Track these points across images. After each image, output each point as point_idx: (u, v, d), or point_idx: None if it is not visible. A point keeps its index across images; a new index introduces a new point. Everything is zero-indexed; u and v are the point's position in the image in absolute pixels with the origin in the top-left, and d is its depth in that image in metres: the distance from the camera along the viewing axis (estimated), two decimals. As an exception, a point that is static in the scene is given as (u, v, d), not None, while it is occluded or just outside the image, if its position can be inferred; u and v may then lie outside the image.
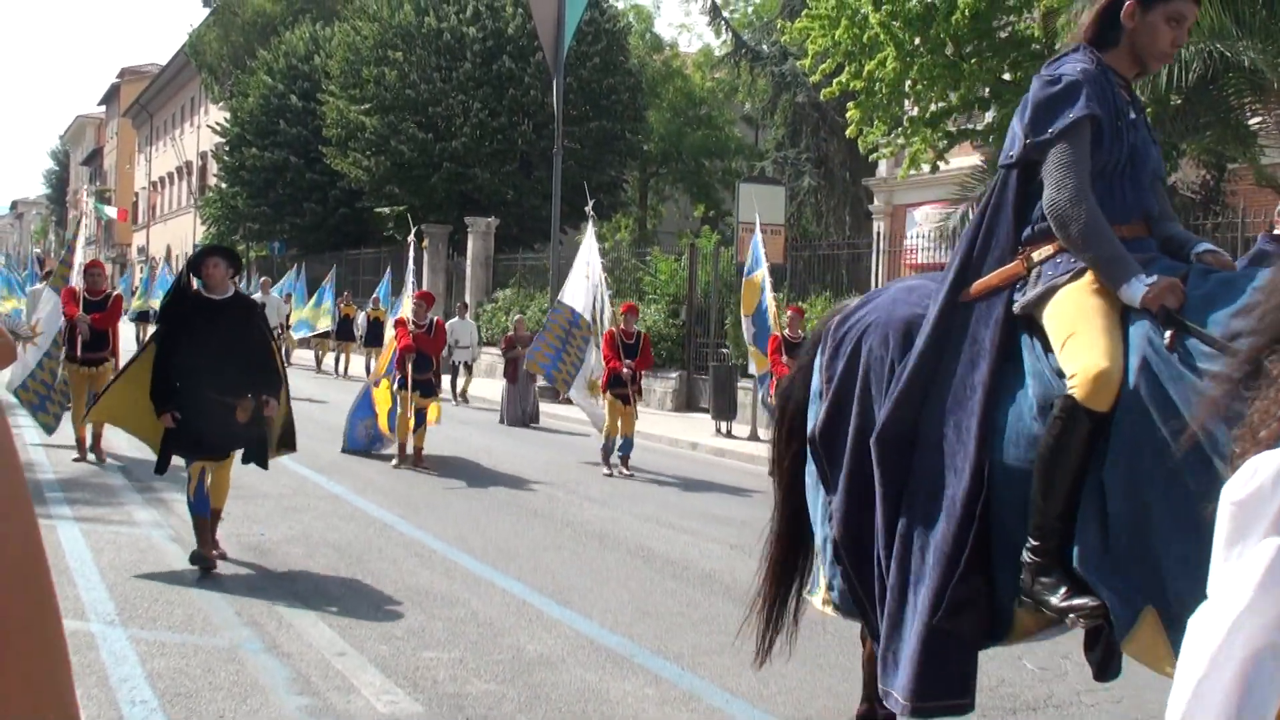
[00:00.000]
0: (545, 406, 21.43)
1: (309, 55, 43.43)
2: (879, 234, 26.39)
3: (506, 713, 5.88)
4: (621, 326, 15.26)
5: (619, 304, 16.38)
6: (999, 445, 4.11)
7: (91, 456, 13.67)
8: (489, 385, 25.54)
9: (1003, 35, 17.76)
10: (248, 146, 43.89)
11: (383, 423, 15.25)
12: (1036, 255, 4.24)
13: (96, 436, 13.65)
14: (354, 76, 37.05)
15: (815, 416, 4.84)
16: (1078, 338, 3.96)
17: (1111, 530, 3.79)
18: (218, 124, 48.34)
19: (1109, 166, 4.25)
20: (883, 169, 27.58)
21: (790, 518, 5.31)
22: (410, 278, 16.74)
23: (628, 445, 14.87)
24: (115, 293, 14.51)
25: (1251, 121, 15.33)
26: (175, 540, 9.60)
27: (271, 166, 43.08)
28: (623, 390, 14.80)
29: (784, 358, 15.20)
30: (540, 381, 19.62)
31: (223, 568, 8.72)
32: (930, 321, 4.40)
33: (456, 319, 25.05)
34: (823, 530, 4.85)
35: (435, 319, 15.29)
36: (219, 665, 6.42)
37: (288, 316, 30.17)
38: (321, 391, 24.86)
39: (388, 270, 34.34)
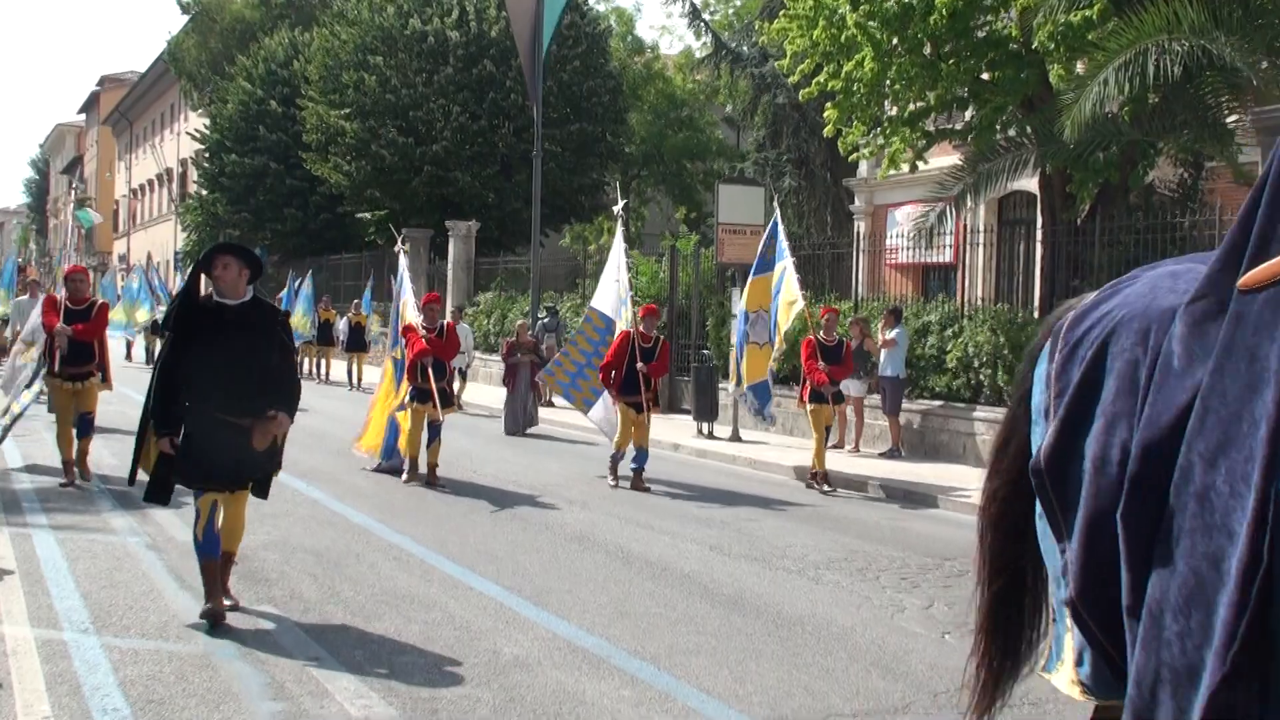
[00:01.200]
0: (545, 413, 21.03)
1: (288, 61, 43.32)
2: (860, 234, 26.39)
3: (481, 716, 5.85)
4: (640, 329, 14.28)
5: (639, 306, 15.41)
6: None
7: (79, 480, 12.47)
8: (473, 389, 25.44)
9: (980, 35, 17.72)
10: (227, 153, 43.77)
11: (401, 442, 14.01)
12: None
13: (82, 454, 12.59)
14: (334, 81, 36.98)
15: (1039, 440, 3.66)
16: None
17: None
18: (197, 131, 48.20)
19: None
20: (863, 169, 27.59)
21: (1004, 575, 3.92)
22: (406, 282, 15.74)
23: (642, 457, 13.96)
24: (100, 301, 13.32)
25: (1229, 120, 15.36)
26: (151, 548, 9.56)
27: (252, 173, 42.96)
28: (636, 398, 13.92)
29: (821, 363, 14.21)
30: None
31: (198, 575, 8.63)
32: (1186, 325, 3.22)
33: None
34: (1060, 589, 3.59)
35: (446, 322, 14.50)
36: (192, 672, 6.38)
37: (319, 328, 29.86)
38: (311, 399, 24.68)
39: (370, 276, 34.29)
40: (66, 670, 6.32)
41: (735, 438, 18.77)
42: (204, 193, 47.32)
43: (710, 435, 19.23)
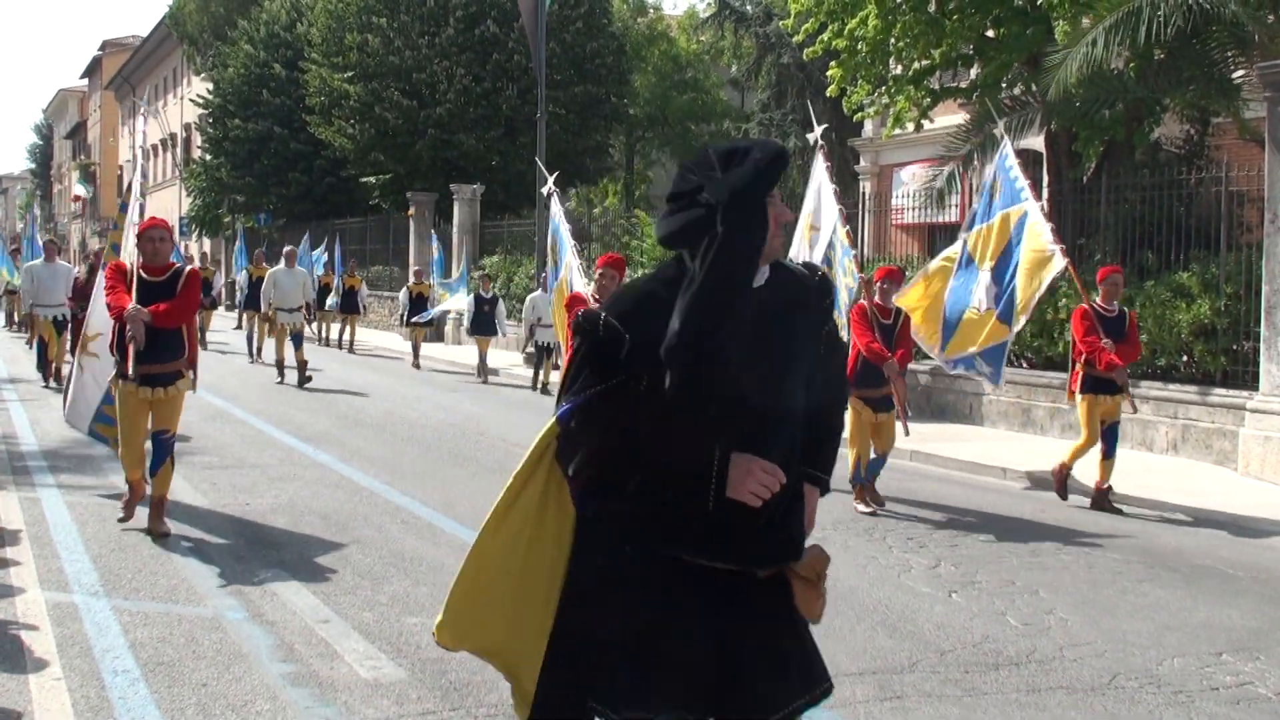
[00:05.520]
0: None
1: (291, 23, 43.10)
2: (866, 194, 26.36)
3: (489, 677, 5.86)
4: (876, 300, 10.78)
5: (871, 270, 12.49)
6: None
7: (154, 533, 8.69)
8: (502, 356, 24.83)
9: (985, -9, 17.64)
10: (230, 118, 43.60)
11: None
12: None
13: (157, 502, 8.76)
14: (337, 44, 36.78)
15: None
16: None
17: None
18: (200, 96, 48.03)
19: None
20: (869, 129, 27.51)
21: None
22: (565, 237, 13.51)
23: (879, 463, 10.77)
24: (188, 268, 9.04)
25: (1234, 75, 15.25)
26: (160, 511, 9.57)
27: (255, 137, 42.80)
28: (877, 392, 10.51)
29: (1105, 340, 10.72)
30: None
31: (207, 538, 8.70)
32: None
33: (539, 292, 20.14)
34: None
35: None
36: (202, 634, 6.41)
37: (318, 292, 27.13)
38: (324, 364, 24.71)
39: (391, 239, 33.97)
40: (77, 632, 6.36)
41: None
42: (208, 158, 47.20)
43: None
